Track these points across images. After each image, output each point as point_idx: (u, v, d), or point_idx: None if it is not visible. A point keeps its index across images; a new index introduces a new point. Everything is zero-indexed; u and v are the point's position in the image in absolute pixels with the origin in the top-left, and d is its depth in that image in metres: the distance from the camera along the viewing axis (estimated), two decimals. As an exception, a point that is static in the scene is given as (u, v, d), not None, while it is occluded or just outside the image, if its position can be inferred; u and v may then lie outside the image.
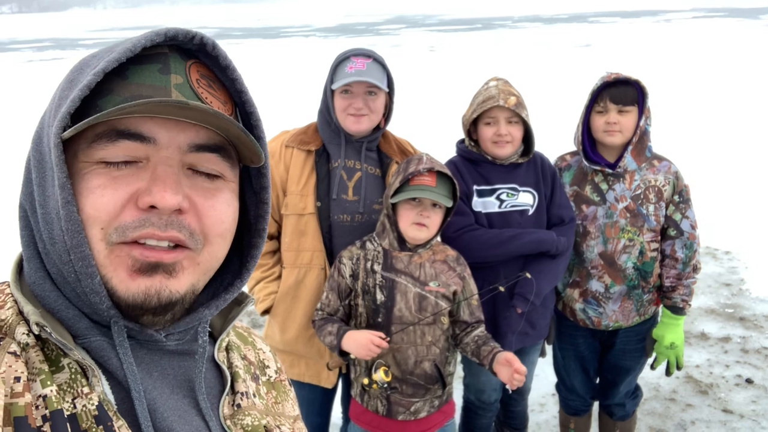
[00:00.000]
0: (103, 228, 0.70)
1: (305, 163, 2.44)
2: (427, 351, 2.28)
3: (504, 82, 2.53)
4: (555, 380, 3.09)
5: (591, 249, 2.63)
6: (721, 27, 31.37)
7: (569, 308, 2.77)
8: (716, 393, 3.75)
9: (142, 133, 0.70)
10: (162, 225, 0.70)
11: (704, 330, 4.48)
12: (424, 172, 2.20)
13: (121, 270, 0.71)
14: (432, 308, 2.27)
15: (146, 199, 0.69)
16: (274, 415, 0.90)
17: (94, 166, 0.70)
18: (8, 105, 14.61)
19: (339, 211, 2.43)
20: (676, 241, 2.61)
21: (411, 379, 2.29)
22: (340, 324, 2.29)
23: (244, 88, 0.78)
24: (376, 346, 2.14)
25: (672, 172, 2.62)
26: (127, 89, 0.71)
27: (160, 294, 0.71)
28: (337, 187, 2.42)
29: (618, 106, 2.49)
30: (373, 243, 2.34)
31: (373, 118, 2.40)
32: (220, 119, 0.71)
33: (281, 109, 11.21)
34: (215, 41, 0.76)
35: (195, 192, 0.74)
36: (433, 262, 2.32)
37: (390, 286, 2.26)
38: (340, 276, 2.32)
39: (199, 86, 0.74)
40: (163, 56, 0.73)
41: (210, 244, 0.76)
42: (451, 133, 2.82)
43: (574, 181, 2.68)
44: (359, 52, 2.40)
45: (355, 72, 2.31)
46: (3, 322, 0.70)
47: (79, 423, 0.66)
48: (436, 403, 2.37)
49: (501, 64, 18.20)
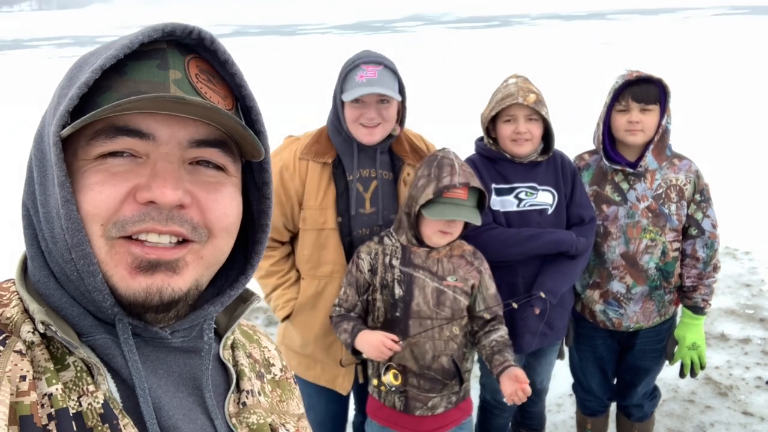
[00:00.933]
0: (102, 224, 0.69)
1: (321, 175, 2.37)
2: (445, 346, 2.28)
3: (523, 79, 2.51)
4: (572, 380, 3.07)
5: (612, 249, 2.60)
6: (743, 24, 30.97)
7: (588, 309, 2.74)
8: (736, 395, 3.71)
9: (141, 130, 0.70)
10: (163, 219, 0.70)
11: (724, 331, 4.43)
12: (459, 186, 2.17)
13: (121, 267, 0.70)
14: (450, 303, 2.27)
15: (145, 194, 0.69)
16: (279, 413, 0.90)
17: (92, 163, 0.70)
18: (29, 101, 14.79)
19: (359, 226, 2.40)
20: (698, 240, 2.58)
21: (428, 373, 2.29)
22: (356, 322, 2.29)
23: (243, 83, 0.78)
24: (387, 348, 2.15)
25: (693, 170, 2.59)
26: (125, 86, 0.70)
27: (162, 292, 0.71)
28: (355, 202, 2.37)
29: (640, 105, 2.47)
30: (390, 238, 2.34)
31: (386, 127, 2.33)
32: (218, 114, 0.70)
33: (298, 106, 11.24)
34: (213, 35, 0.75)
35: (197, 187, 0.73)
36: (451, 257, 2.32)
37: (408, 280, 2.27)
38: (358, 271, 2.33)
39: (198, 81, 0.74)
40: (161, 52, 0.73)
41: (214, 238, 0.75)
42: (470, 131, 2.80)
43: (593, 181, 2.66)
44: (369, 59, 2.30)
45: (366, 82, 2.22)
46: (9, 320, 0.70)
47: (84, 421, 0.66)
48: (453, 399, 2.37)
49: (519, 62, 18.10)
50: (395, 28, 40.78)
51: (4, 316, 0.71)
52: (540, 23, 39.50)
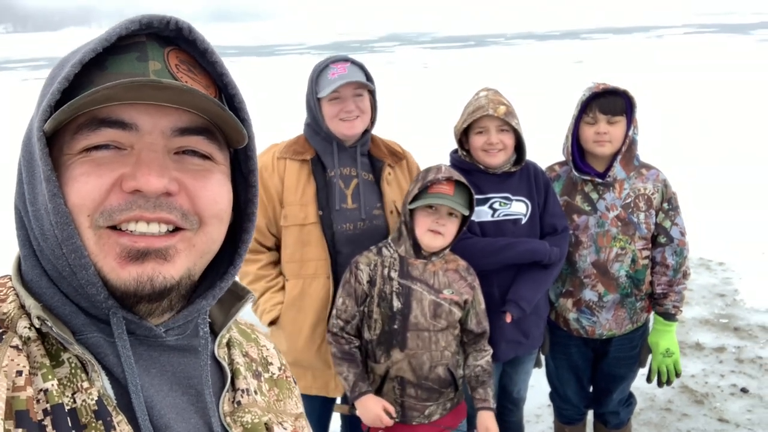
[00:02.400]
0: (89, 215, 0.69)
1: (300, 172, 2.42)
2: (441, 356, 2.32)
3: (494, 92, 2.56)
4: (550, 390, 3.09)
5: (584, 258, 2.64)
6: (713, 42, 31.67)
7: (562, 318, 2.78)
8: (712, 402, 3.75)
9: (123, 120, 0.70)
10: (150, 207, 0.69)
11: (699, 340, 4.49)
12: (443, 180, 2.23)
13: (110, 258, 0.70)
14: (446, 315, 2.31)
15: (131, 183, 0.69)
16: (275, 412, 0.89)
17: (77, 156, 0.70)
18: (4, 123, 14.63)
19: (341, 220, 2.42)
20: (666, 248, 2.63)
21: (426, 383, 2.32)
22: (357, 370, 2.32)
23: (225, 71, 0.77)
24: (383, 422, 2.27)
25: (660, 180, 2.64)
26: (105, 79, 0.70)
27: (153, 280, 0.70)
28: (337, 197, 2.41)
29: (607, 117, 2.52)
30: (389, 249, 2.36)
31: (364, 118, 2.42)
32: (197, 97, 0.69)
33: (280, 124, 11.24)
34: (191, 25, 0.75)
35: (184, 174, 0.73)
36: (446, 270, 2.35)
37: (407, 293, 2.29)
38: (357, 282, 2.33)
39: (178, 71, 0.73)
40: (141, 44, 0.73)
41: (206, 225, 0.75)
42: (445, 146, 2.84)
43: (564, 191, 2.70)
44: (336, 58, 2.42)
45: (339, 77, 2.33)
46: (5, 316, 0.70)
47: (78, 417, 0.66)
48: (448, 405, 2.41)
49: (493, 80, 18.23)
50: (372, 48, 41.09)
51: (0, 311, 0.71)
52: (515, 42, 40.03)
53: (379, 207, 2.48)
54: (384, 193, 2.49)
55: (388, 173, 2.52)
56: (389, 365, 2.32)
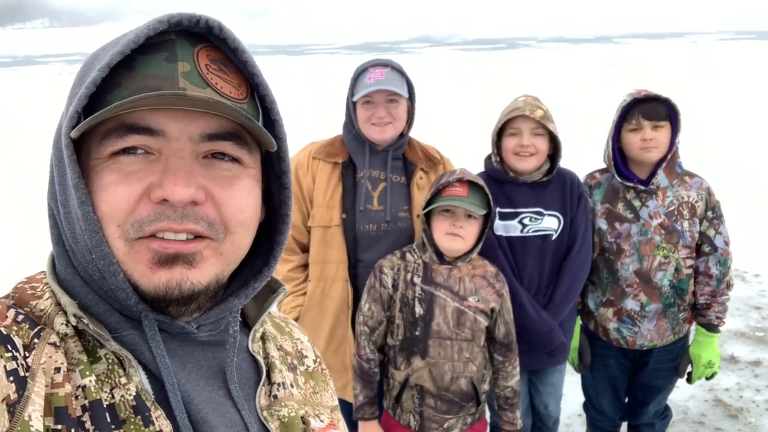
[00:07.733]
0: (119, 225, 0.69)
1: (331, 175, 2.46)
2: (464, 367, 2.25)
3: (534, 98, 2.52)
4: (581, 400, 3.04)
5: (626, 267, 2.59)
6: (749, 48, 31.09)
7: (602, 328, 2.72)
8: (746, 417, 3.67)
9: (151, 127, 0.69)
10: (177, 217, 0.69)
11: (734, 353, 4.40)
12: (455, 182, 2.20)
13: (141, 264, 0.70)
14: (470, 323, 2.24)
15: (158, 192, 0.68)
16: (312, 405, 0.89)
17: (106, 162, 0.70)
18: (41, 117, 14.92)
19: (365, 221, 2.43)
20: (710, 257, 2.58)
21: (446, 395, 2.26)
22: (370, 395, 2.32)
23: (256, 71, 0.76)
24: None
25: (704, 188, 2.59)
26: (133, 81, 0.69)
27: (181, 285, 0.70)
28: (363, 198, 2.42)
29: (652, 122, 2.47)
30: (413, 255, 2.32)
31: (396, 125, 2.42)
32: (224, 107, 0.68)
33: (310, 124, 11.29)
34: (222, 23, 0.73)
35: (212, 182, 0.72)
36: (473, 276, 2.28)
37: (429, 299, 2.24)
38: (382, 287, 2.30)
39: (208, 72, 0.72)
40: (170, 43, 0.71)
41: (231, 234, 0.74)
42: (477, 153, 2.82)
43: (605, 199, 2.66)
44: (377, 62, 2.44)
45: (374, 82, 2.34)
46: (42, 312, 0.70)
47: (117, 413, 0.66)
48: (468, 420, 2.34)
49: (525, 84, 18.19)
50: (402, 48, 41.11)
51: (38, 308, 0.71)
52: (546, 46, 39.73)
53: (405, 210, 2.47)
54: (413, 197, 2.49)
55: (420, 177, 2.51)
56: (409, 373, 2.26)
